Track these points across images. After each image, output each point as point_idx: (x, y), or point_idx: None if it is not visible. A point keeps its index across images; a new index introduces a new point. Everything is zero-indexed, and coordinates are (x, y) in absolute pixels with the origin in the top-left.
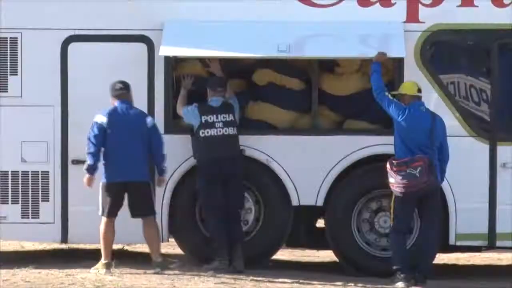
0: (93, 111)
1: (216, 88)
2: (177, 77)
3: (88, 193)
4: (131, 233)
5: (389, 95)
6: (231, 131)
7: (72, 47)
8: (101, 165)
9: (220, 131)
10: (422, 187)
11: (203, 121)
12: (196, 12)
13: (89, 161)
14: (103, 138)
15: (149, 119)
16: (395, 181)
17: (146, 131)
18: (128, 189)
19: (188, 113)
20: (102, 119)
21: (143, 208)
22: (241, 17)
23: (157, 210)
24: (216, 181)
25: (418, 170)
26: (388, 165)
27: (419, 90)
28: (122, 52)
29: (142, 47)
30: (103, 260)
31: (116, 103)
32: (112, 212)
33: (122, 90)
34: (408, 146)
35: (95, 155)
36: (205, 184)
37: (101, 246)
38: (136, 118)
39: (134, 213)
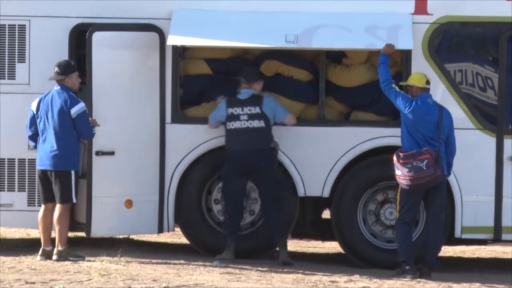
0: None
1: (244, 80)
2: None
3: None
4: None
5: (396, 87)
6: (256, 124)
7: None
8: None
9: (244, 123)
10: (429, 180)
11: (229, 113)
12: (204, 2)
13: (31, 143)
14: (35, 124)
15: (74, 109)
16: (401, 173)
17: (72, 120)
18: (51, 176)
19: (216, 114)
20: (33, 105)
21: (58, 195)
22: (249, 7)
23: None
24: (238, 172)
25: (424, 162)
26: (394, 157)
27: (428, 82)
28: (132, 41)
29: (153, 36)
30: (42, 247)
31: (55, 86)
32: (43, 199)
33: (58, 75)
34: (415, 139)
35: (33, 139)
36: (227, 173)
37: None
38: (61, 106)
39: (55, 199)
